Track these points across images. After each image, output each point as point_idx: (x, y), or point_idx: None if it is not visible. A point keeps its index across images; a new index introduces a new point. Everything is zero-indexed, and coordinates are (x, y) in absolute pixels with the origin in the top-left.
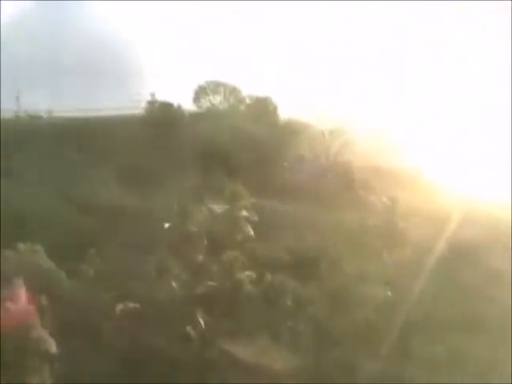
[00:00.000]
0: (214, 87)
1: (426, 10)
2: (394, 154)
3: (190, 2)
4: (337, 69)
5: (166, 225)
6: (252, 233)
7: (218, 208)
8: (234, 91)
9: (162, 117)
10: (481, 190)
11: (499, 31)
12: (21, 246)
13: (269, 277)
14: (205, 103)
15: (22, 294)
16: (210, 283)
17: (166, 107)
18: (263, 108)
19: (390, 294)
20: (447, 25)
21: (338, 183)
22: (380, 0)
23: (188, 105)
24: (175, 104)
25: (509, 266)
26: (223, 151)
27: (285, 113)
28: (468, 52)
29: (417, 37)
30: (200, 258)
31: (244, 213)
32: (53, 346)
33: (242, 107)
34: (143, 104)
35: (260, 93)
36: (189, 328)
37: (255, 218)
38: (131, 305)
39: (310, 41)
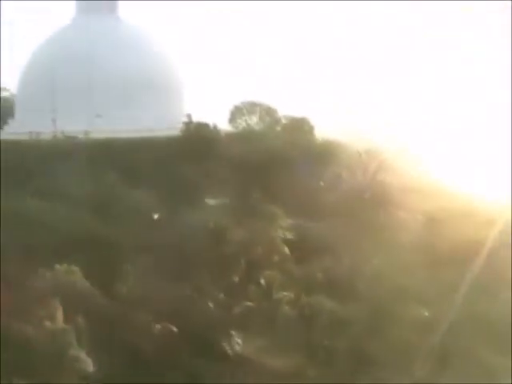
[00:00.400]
0: (250, 108)
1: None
2: (426, 170)
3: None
4: (367, 89)
5: (201, 244)
6: (288, 253)
7: (255, 228)
8: (269, 111)
9: (198, 137)
10: None
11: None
12: (57, 266)
13: (305, 297)
14: (241, 123)
15: (59, 313)
16: (248, 303)
17: (202, 128)
18: (299, 128)
19: (427, 313)
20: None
21: (374, 202)
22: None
23: (224, 125)
24: (211, 124)
25: None
26: (259, 171)
27: (321, 133)
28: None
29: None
30: (237, 278)
31: (280, 233)
32: (89, 365)
33: (278, 127)
34: (179, 125)
35: (296, 113)
36: (226, 347)
37: (292, 238)
38: (168, 325)
39: (343, 62)
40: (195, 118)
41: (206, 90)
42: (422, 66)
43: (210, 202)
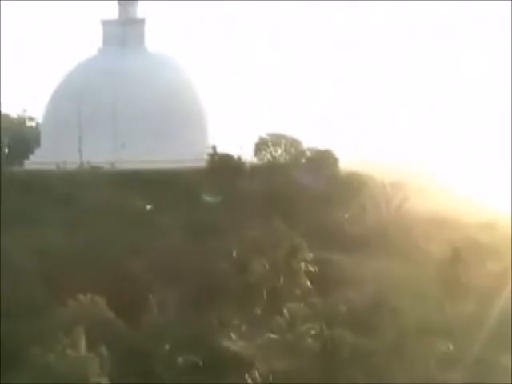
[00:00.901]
0: (275, 139)
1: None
2: (452, 200)
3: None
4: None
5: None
6: (310, 286)
7: (278, 260)
8: (294, 143)
9: (223, 169)
10: None
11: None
12: (81, 297)
13: (328, 330)
14: (266, 155)
15: (82, 342)
16: (271, 335)
17: (227, 159)
18: (324, 160)
19: (451, 347)
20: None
21: (399, 235)
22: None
23: (249, 157)
24: (236, 156)
25: None
26: (284, 203)
27: (345, 164)
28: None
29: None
30: (259, 309)
31: (303, 266)
32: None
33: (303, 160)
34: (205, 156)
35: (321, 145)
36: (249, 378)
37: (314, 271)
38: (192, 357)
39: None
40: (221, 149)
41: (232, 120)
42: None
43: (234, 232)
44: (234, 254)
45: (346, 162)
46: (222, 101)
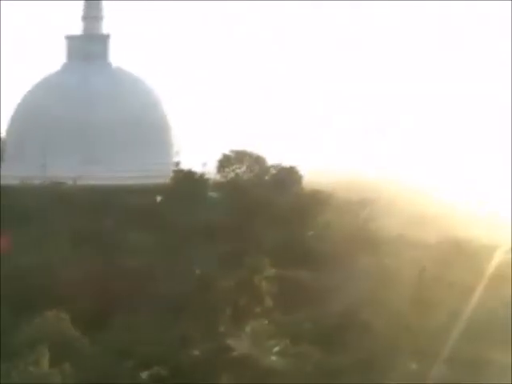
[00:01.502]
0: (239, 156)
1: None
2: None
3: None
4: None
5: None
6: (273, 303)
7: (240, 278)
8: (258, 160)
9: (187, 186)
10: None
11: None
12: (47, 313)
13: (293, 347)
14: (229, 172)
15: (45, 359)
16: (234, 353)
17: (191, 176)
18: (288, 178)
19: (415, 365)
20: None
21: (364, 252)
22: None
23: (213, 174)
24: (199, 173)
25: None
26: (247, 221)
27: (310, 182)
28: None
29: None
30: (223, 327)
31: (265, 283)
32: None
33: (267, 177)
34: (170, 172)
35: (285, 162)
36: None
37: (276, 288)
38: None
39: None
40: (186, 166)
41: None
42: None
43: (197, 249)
44: (198, 271)
45: (313, 179)
46: (187, 117)
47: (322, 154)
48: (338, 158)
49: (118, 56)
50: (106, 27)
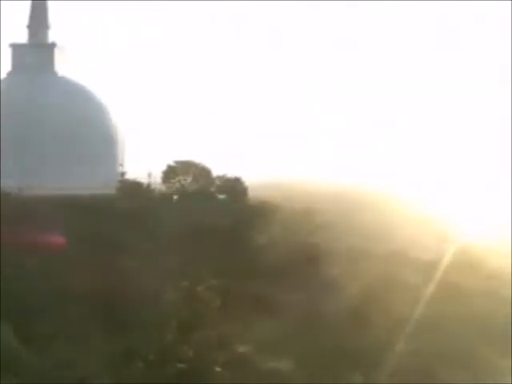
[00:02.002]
0: (184, 168)
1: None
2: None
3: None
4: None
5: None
6: (214, 314)
7: (183, 289)
8: (204, 172)
9: (132, 196)
10: None
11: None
12: None
13: (237, 357)
14: (175, 184)
15: None
16: (180, 365)
17: (136, 187)
18: (233, 189)
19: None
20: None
21: (308, 263)
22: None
23: (158, 185)
24: (145, 184)
25: None
26: (191, 232)
27: (256, 193)
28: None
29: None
30: (169, 338)
31: (208, 294)
32: None
33: (213, 188)
34: (115, 183)
35: (230, 173)
36: None
37: (217, 300)
38: None
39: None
40: (132, 176)
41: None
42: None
43: (141, 261)
44: (141, 283)
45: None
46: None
47: (269, 166)
48: (287, 169)
49: (65, 65)
50: (52, 36)
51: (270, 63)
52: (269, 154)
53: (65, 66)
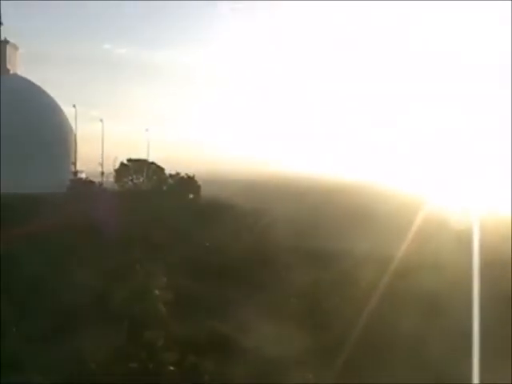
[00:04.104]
0: (137, 166)
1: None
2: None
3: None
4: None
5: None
6: (165, 313)
7: (134, 288)
8: (157, 171)
9: (84, 194)
10: None
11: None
12: None
13: (190, 357)
14: (127, 182)
15: None
16: (131, 364)
17: (88, 186)
18: (186, 188)
19: (311, 376)
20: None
21: (259, 263)
22: None
23: (110, 184)
24: (97, 182)
25: None
26: (143, 230)
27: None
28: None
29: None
30: (119, 339)
31: (157, 292)
32: None
33: (165, 187)
34: (66, 183)
35: (183, 171)
36: None
37: (169, 297)
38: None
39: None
40: (85, 175)
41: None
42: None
43: (93, 261)
44: (93, 282)
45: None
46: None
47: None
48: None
49: (17, 63)
50: (4, 33)
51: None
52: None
53: (17, 63)
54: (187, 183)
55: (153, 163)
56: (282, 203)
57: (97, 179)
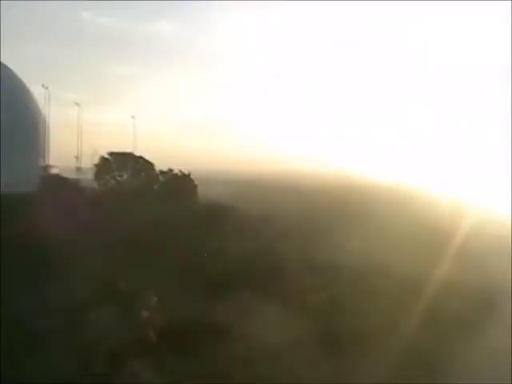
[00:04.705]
0: (121, 161)
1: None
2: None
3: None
4: None
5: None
6: (154, 338)
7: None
8: (145, 166)
9: (56, 195)
10: None
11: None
12: None
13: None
14: (109, 180)
15: None
16: None
17: (61, 183)
18: (181, 187)
19: None
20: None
21: (265, 273)
22: None
23: (89, 181)
24: (72, 180)
25: None
26: (129, 240)
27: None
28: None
29: None
30: (99, 368)
31: (146, 314)
32: None
33: (155, 186)
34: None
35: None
36: None
37: (160, 319)
38: None
39: None
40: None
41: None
42: None
43: (68, 277)
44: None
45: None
46: (61, 110)
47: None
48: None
49: None
50: None
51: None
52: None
53: None
54: (182, 182)
55: (140, 157)
56: (286, 205)
57: (72, 176)
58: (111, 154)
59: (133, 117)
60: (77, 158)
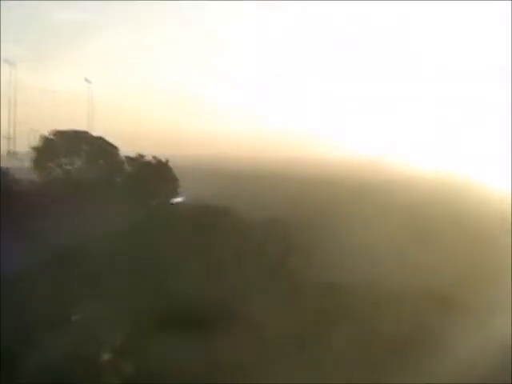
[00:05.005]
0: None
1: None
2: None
3: None
4: None
5: None
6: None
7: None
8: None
9: None
10: None
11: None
12: None
13: None
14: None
15: None
16: None
17: None
18: (156, 178)
19: None
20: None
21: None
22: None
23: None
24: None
25: None
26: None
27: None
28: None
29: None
30: None
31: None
32: None
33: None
34: None
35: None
36: None
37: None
38: None
39: None
40: None
41: None
42: None
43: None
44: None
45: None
46: None
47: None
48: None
49: None
50: None
51: None
52: None
53: None
54: (156, 172)
55: (99, 138)
56: (289, 205)
57: (3, 164)
58: (56, 132)
59: (87, 80)
60: (8, 138)
